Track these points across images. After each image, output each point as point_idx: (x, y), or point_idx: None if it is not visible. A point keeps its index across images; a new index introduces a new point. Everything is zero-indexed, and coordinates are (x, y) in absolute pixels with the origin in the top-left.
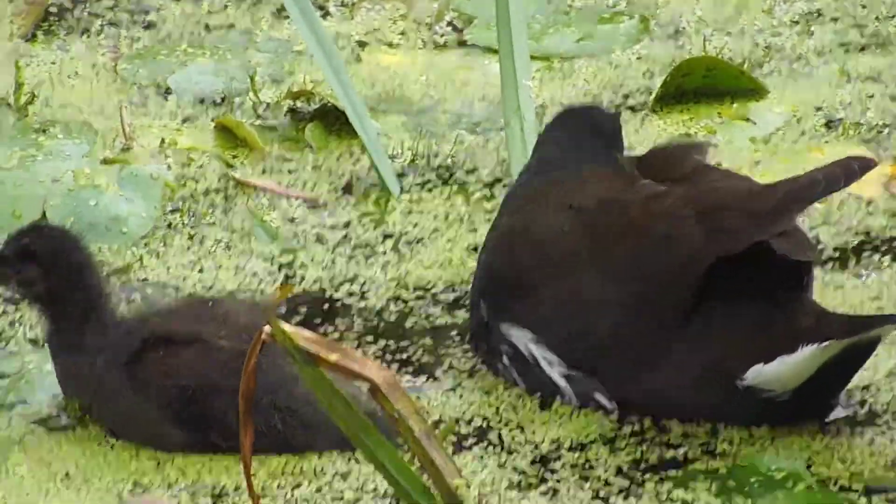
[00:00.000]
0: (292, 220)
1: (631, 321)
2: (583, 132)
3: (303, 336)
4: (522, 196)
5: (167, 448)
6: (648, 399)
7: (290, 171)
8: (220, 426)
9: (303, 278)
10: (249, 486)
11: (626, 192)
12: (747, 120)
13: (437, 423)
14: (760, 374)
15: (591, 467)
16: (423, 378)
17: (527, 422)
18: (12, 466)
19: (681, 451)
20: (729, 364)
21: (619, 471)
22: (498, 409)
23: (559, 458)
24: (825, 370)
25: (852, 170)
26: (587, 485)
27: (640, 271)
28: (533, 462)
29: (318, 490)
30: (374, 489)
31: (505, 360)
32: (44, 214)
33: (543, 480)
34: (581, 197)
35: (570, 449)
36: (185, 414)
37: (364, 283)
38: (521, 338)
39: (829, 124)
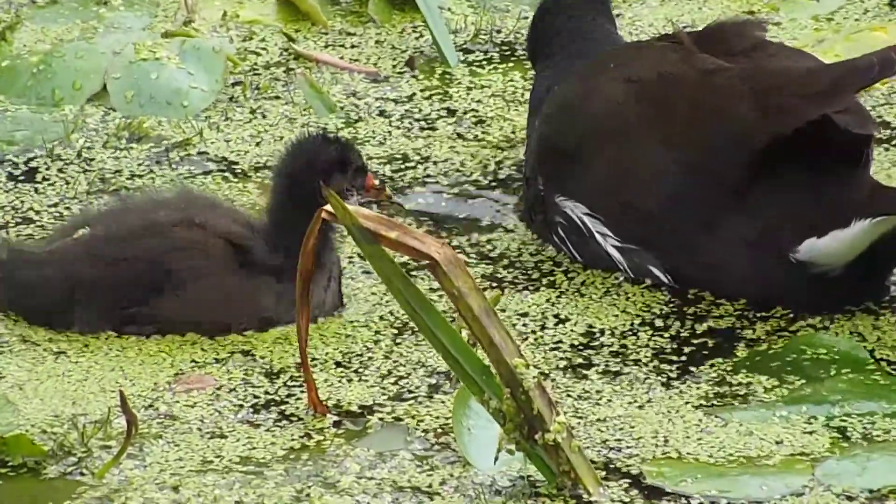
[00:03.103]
0: (354, 93)
1: (684, 194)
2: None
3: (362, 214)
4: (579, 67)
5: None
6: (702, 273)
7: (352, 46)
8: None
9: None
10: (304, 360)
11: (684, 65)
12: None
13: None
14: (813, 248)
15: (647, 347)
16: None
17: (581, 298)
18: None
19: (737, 331)
20: (782, 237)
21: (675, 351)
22: (553, 284)
23: (614, 337)
24: (878, 246)
25: None
26: (643, 366)
27: (695, 145)
28: (587, 342)
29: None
30: (435, 367)
31: (560, 232)
32: (104, 87)
33: (596, 363)
34: (638, 69)
35: (626, 328)
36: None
37: (426, 160)
38: (576, 210)
39: (893, 3)
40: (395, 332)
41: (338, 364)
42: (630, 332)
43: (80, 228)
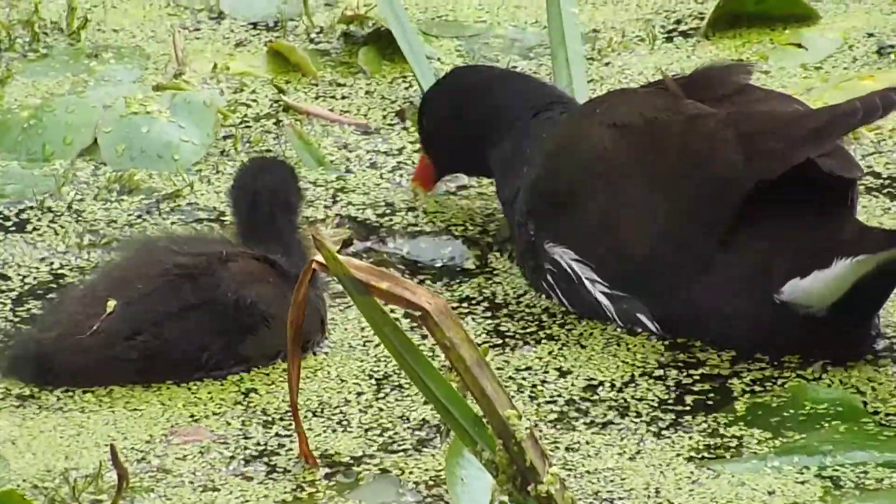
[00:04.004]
0: (345, 146)
1: (670, 239)
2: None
3: (354, 264)
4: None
5: None
6: (689, 317)
7: (343, 97)
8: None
9: (349, 203)
10: (295, 412)
11: (670, 110)
12: (799, 46)
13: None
14: (797, 288)
15: (638, 399)
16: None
17: (573, 347)
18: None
19: (729, 381)
20: (767, 279)
21: (665, 402)
22: (546, 333)
23: (604, 388)
24: (861, 286)
25: (891, 101)
26: (634, 417)
27: (681, 190)
28: (579, 393)
29: (364, 412)
30: (423, 419)
31: (550, 278)
32: (95, 141)
33: (587, 413)
34: (624, 114)
35: (616, 379)
36: None
37: (415, 210)
38: (565, 256)
39: (881, 51)
40: (377, 383)
41: (323, 414)
42: (627, 384)
43: (108, 302)
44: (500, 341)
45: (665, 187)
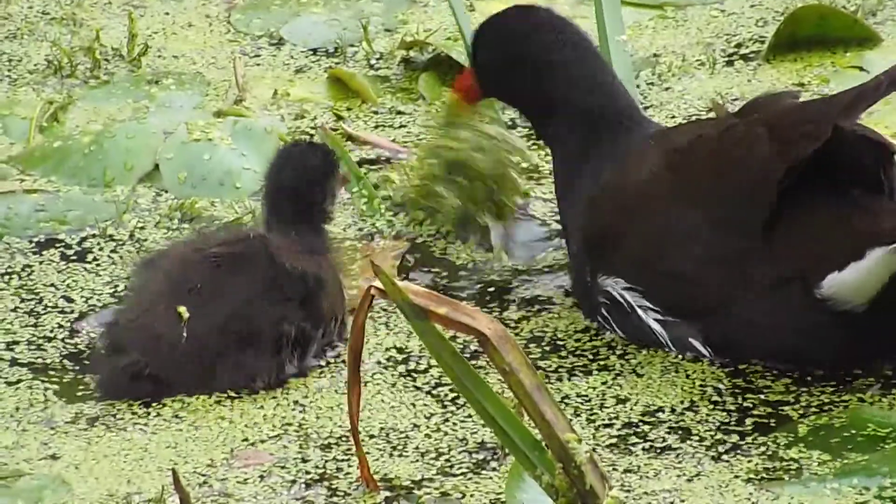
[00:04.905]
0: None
1: (711, 250)
2: None
3: (412, 290)
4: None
5: None
6: (736, 330)
7: (401, 126)
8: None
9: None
10: (356, 437)
11: (712, 129)
12: (860, 69)
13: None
14: (835, 282)
15: (696, 422)
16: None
17: (628, 374)
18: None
19: (788, 404)
20: (808, 274)
21: (724, 425)
22: (601, 364)
23: (662, 413)
24: None
25: None
26: (692, 441)
27: (720, 198)
28: (637, 418)
29: (422, 435)
30: (480, 441)
31: (604, 311)
32: (156, 167)
33: (645, 437)
34: (672, 141)
35: (675, 405)
36: None
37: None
38: (616, 286)
39: None
40: (433, 406)
41: (381, 437)
42: (686, 409)
43: (180, 311)
44: (555, 373)
45: (705, 199)
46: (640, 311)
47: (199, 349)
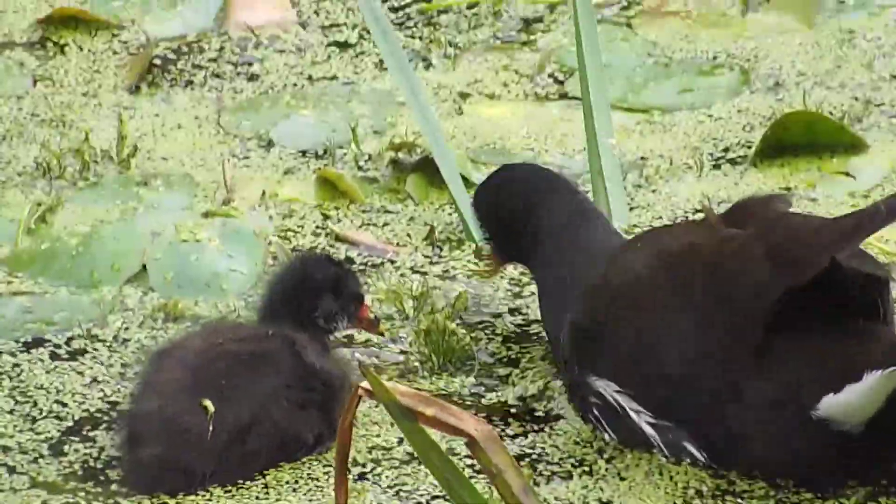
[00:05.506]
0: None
1: (703, 361)
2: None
3: (399, 391)
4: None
5: None
6: (730, 440)
7: (385, 224)
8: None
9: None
10: None
11: (704, 235)
12: (847, 174)
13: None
14: (831, 404)
15: None
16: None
17: (611, 480)
18: None
19: None
20: (803, 395)
21: None
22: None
23: None
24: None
25: None
26: None
27: (713, 308)
28: None
29: None
30: None
31: (596, 412)
32: (144, 268)
33: None
34: (661, 243)
35: None
36: None
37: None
38: (608, 388)
39: None
40: None
41: None
42: None
43: (206, 404)
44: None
45: (697, 307)
46: (632, 414)
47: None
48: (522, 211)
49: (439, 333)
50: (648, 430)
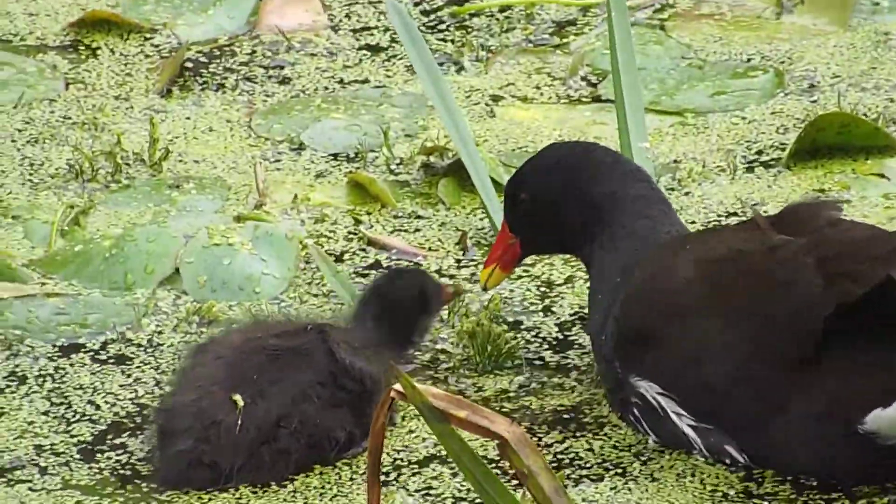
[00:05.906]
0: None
1: (751, 370)
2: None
3: (432, 393)
4: (653, 251)
5: None
6: (774, 450)
7: (416, 230)
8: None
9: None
10: None
11: (753, 243)
12: (881, 176)
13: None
14: (879, 419)
15: None
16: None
17: (657, 477)
18: None
19: None
20: (850, 409)
21: None
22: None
23: None
24: None
25: None
26: None
27: (760, 319)
28: None
29: None
30: None
31: (636, 412)
32: (177, 271)
33: None
34: (710, 248)
35: None
36: None
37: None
38: (650, 390)
39: None
40: None
41: None
42: None
43: (235, 398)
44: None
45: (744, 317)
46: (674, 417)
47: (250, 439)
48: (579, 193)
49: (484, 335)
50: (690, 432)
